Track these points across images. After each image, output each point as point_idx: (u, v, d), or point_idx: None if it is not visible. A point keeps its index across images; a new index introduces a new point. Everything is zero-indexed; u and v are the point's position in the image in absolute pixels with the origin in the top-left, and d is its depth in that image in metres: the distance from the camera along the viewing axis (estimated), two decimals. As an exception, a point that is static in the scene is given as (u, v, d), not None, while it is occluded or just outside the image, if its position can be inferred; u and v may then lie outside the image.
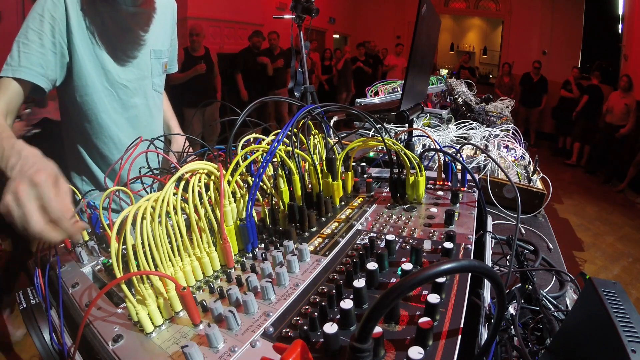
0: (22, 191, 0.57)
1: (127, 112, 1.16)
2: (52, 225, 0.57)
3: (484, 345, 0.42)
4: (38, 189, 0.57)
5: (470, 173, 0.78)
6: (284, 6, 7.15)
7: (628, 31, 6.23)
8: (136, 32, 1.10)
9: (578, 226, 4.03)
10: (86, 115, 1.08)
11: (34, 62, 0.92)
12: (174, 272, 0.54)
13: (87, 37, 1.01)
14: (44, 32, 0.93)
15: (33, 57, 0.92)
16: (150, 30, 1.14)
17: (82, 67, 1.02)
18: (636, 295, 2.84)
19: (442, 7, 9.69)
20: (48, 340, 0.54)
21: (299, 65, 1.98)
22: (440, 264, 0.31)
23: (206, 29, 5.10)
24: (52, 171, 0.61)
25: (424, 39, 1.12)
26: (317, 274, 0.56)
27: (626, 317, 0.40)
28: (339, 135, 1.12)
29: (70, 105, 1.08)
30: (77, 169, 1.18)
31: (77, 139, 1.14)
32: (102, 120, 1.10)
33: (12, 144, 0.70)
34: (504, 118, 2.31)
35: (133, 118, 1.18)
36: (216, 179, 0.62)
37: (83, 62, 1.01)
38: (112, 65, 1.08)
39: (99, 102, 1.08)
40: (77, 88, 1.04)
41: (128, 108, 1.16)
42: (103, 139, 1.13)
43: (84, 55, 1.01)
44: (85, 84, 1.04)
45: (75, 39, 0.98)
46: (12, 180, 0.60)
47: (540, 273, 0.88)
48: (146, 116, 1.23)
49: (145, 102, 1.21)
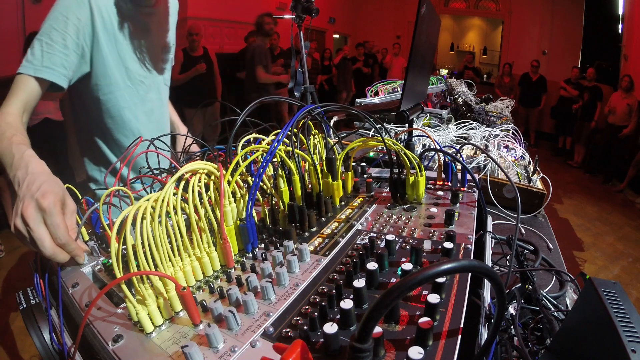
0: (30, 216, 0.59)
1: (144, 106, 1.22)
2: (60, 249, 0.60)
3: (484, 345, 0.42)
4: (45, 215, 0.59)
5: (470, 173, 0.78)
6: (284, 6, 7.15)
7: (628, 31, 6.22)
8: (152, 30, 1.16)
9: (578, 226, 4.03)
10: (109, 112, 1.12)
11: (56, 63, 0.93)
12: (174, 272, 0.54)
13: (111, 37, 1.04)
14: (68, 33, 0.94)
15: (56, 58, 0.93)
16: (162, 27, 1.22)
17: (107, 66, 1.05)
18: (636, 295, 2.84)
19: (442, 7, 9.69)
20: (48, 340, 0.54)
21: (299, 65, 1.98)
22: (440, 264, 0.31)
23: (206, 29, 5.11)
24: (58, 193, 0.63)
25: (424, 39, 1.12)
26: (317, 274, 0.56)
27: (626, 317, 0.40)
28: (339, 135, 1.12)
29: (91, 103, 1.10)
30: (95, 160, 1.21)
31: (95, 134, 1.17)
32: (124, 116, 1.15)
33: (22, 153, 0.71)
34: (504, 118, 2.31)
35: (149, 112, 1.24)
36: (216, 179, 0.62)
37: (107, 61, 1.05)
38: (132, 63, 1.13)
39: (121, 99, 1.13)
40: (100, 86, 1.07)
41: (145, 102, 1.22)
42: (125, 133, 1.18)
43: (108, 55, 1.05)
44: (109, 83, 1.08)
45: (101, 39, 1.01)
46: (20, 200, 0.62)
47: (540, 273, 0.89)
48: (159, 109, 1.30)
49: (159, 96, 1.28)
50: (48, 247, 0.58)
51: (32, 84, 0.91)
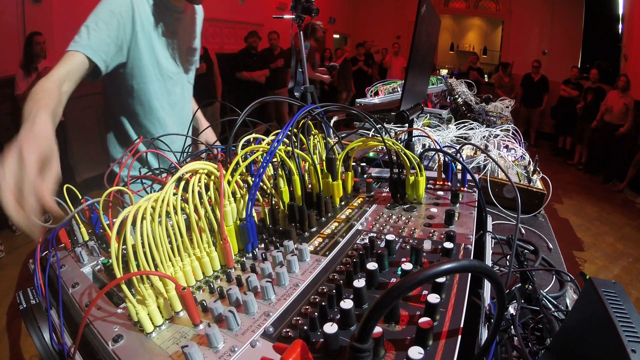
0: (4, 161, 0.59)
1: (169, 98, 1.36)
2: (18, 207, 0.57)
3: (484, 345, 0.42)
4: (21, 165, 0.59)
5: (470, 173, 0.78)
6: (284, 6, 7.15)
7: (628, 31, 6.22)
8: (179, 33, 1.32)
9: (578, 226, 4.03)
10: (140, 100, 1.27)
11: (100, 46, 1.04)
12: (174, 272, 0.54)
13: (148, 35, 1.19)
14: (111, 25, 1.06)
15: (100, 42, 1.04)
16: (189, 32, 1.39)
17: (142, 60, 1.20)
18: (636, 295, 2.84)
19: (442, 7, 9.69)
20: (48, 340, 0.54)
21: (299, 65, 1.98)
22: (440, 264, 0.31)
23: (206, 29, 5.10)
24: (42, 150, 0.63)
25: (424, 39, 1.12)
26: (317, 274, 0.56)
27: (626, 317, 0.40)
28: (339, 135, 1.12)
29: (124, 89, 1.25)
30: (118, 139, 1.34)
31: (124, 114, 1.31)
32: (152, 105, 1.30)
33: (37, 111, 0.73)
34: (504, 118, 2.31)
35: (173, 104, 1.40)
36: (216, 179, 0.62)
37: (143, 56, 1.19)
38: (164, 60, 1.28)
39: (152, 90, 1.28)
40: (135, 77, 1.22)
41: (171, 95, 1.36)
42: (151, 119, 1.33)
43: (144, 50, 1.19)
44: (143, 74, 1.23)
45: (139, 35, 1.15)
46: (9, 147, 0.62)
47: (540, 273, 0.88)
48: (182, 103, 1.46)
49: (182, 91, 1.44)
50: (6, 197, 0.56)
51: (78, 58, 0.99)
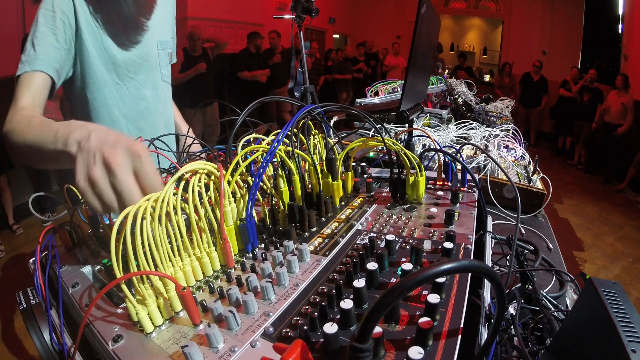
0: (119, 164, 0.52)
1: (137, 104, 1.16)
2: None
3: (484, 345, 0.42)
4: (138, 162, 0.54)
5: (470, 173, 0.78)
6: (284, 6, 7.15)
7: (628, 31, 6.23)
8: (139, 20, 1.10)
9: (578, 226, 4.03)
10: (97, 111, 1.08)
11: (50, 56, 0.91)
12: (174, 272, 0.54)
13: (94, 30, 1.00)
14: (57, 27, 0.92)
15: (49, 51, 0.91)
16: (153, 19, 1.14)
17: (92, 62, 1.01)
18: (636, 295, 2.84)
19: (442, 7, 9.69)
20: (48, 340, 0.54)
21: (299, 65, 1.98)
22: (440, 264, 0.31)
23: (206, 29, 5.11)
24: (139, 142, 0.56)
25: (424, 38, 1.12)
26: (317, 274, 0.56)
27: (626, 317, 0.40)
28: (339, 135, 1.12)
29: (80, 103, 1.07)
30: None
31: None
32: (113, 115, 1.10)
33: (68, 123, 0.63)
34: (504, 118, 2.31)
35: (144, 110, 1.18)
36: (216, 179, 0.62)
37: (93, 57, 1.01)
38: (121, 59, 1.07)
39: (109, 97, 1.08)
40: (87, 84, 1.03)
41: (138, 100, 1.16)
42: None
43: (93, 50, 1.01)
44: (96, 80, 1.04)
45: (84, 33, 0.97)
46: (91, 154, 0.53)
47: (540, 273, 0.89)
48: (157, 107, 1.23)
49: (155, 93, 1.22)
50: (138, 197, 0.52)
51: (35, 79, 0.89)
